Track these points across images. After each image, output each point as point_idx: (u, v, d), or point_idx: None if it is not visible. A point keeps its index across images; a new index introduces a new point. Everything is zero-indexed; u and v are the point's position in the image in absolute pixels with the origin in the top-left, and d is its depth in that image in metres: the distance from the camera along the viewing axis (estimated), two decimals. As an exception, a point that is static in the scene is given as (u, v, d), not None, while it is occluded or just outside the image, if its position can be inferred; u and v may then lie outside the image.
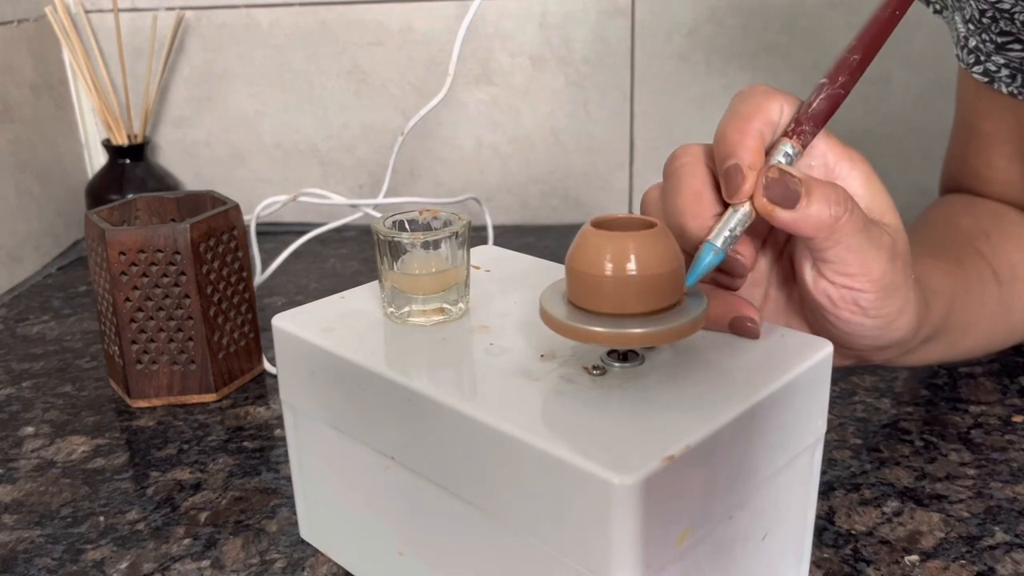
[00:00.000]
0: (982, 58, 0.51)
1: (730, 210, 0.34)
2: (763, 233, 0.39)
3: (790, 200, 0.33)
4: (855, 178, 0.36)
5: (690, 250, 0.35)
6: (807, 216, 0.33)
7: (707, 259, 0.34)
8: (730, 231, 0.34)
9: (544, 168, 0.93)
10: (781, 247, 0.40)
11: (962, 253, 0.49)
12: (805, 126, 0.35)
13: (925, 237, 0.52)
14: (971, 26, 0.50)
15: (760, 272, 0.40)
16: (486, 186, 0.94)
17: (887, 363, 0.44)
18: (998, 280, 0.49)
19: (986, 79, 0.52)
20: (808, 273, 0.36)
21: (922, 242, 0.49)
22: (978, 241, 0.50)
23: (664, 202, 0.37)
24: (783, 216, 0.33)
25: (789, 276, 0.40)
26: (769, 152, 0.35)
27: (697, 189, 0.35)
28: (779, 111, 0.35)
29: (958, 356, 0.50)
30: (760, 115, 0.35)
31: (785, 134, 0.35)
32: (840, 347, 0.38)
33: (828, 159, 0.36)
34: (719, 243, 0.34)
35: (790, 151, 0.34)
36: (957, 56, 0.54)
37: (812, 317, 0.38)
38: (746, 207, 0.34)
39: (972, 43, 0.51)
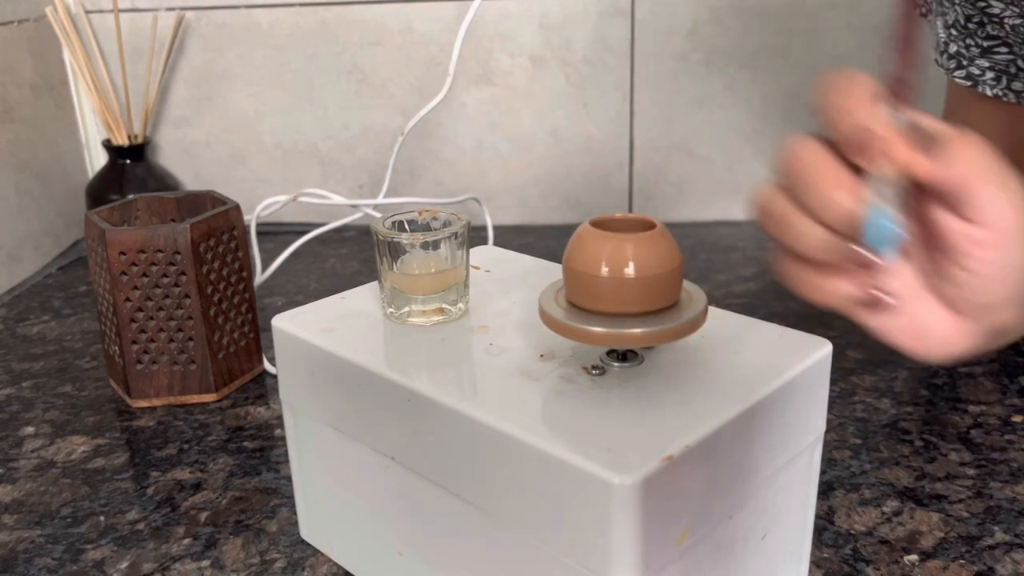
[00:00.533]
0: (964, 63, 0.51)
1: (874, 177, 0.34)
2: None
3: (929, 150, 0.33)
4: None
5: (841, 226, 0.33)
6: (951, 164, 0.33)
7: (885, 224, 0.33)
8: (883, 197, 0.33)
9: (544, 168, 0.93)
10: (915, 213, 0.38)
11: None
12: (900, 89, 0.34)
13: None
14: (953, 32, 0.50)
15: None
16: (486, 186, 0.94)
17: (1009, 339, 0.41)
18: None
19: (969, 83, 0.51)
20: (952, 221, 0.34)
21: None
22: None
23: (798, 191, 0.35)
24: (927, 167, 0.33)
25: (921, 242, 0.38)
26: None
27: (835, 165, 0.35)
28: (868, 83, 0.35)
29: None
30: (858, 89, 0.34)
31: (886, 100, 0.34)
32: (973, 312, 0.35)
33: (926, 123, 0.36)
34: (885, 208, 0.33)
35: (897, 115, 0.34)
36: (936, 61, 0.54)
37: (947, 275, 0.36)
38: (889, 169, 0.34)
39: (953, 48, 0.51)
